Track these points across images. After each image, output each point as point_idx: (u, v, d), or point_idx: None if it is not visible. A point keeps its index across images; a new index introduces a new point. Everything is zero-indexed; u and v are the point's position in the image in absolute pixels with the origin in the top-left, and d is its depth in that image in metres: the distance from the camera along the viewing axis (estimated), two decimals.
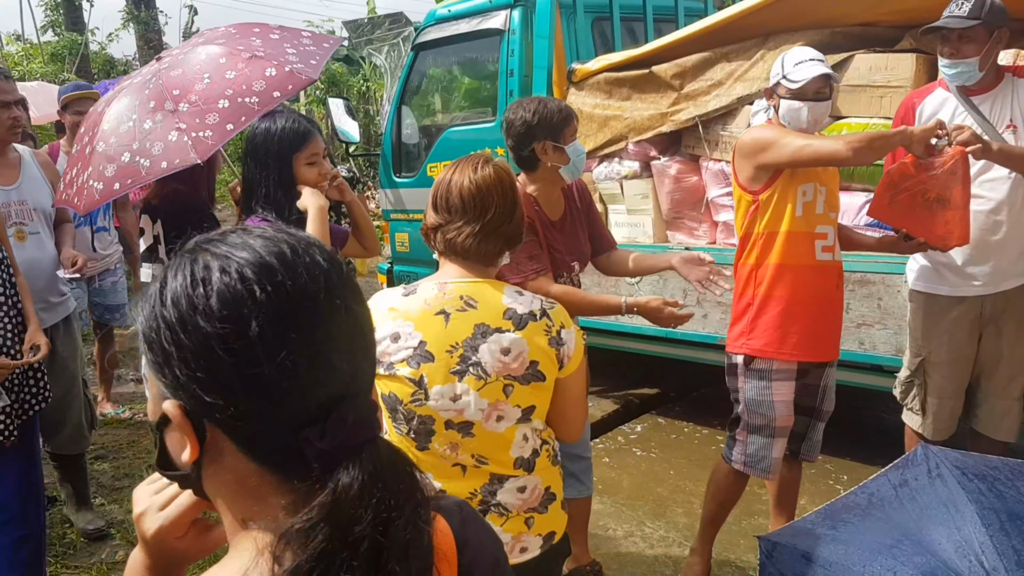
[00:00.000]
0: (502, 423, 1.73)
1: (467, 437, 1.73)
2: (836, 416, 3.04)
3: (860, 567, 1.71)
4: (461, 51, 6.10)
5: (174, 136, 3.13)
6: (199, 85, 3.18)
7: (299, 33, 3.60)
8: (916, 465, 1.93)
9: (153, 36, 16.91)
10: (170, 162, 3.15)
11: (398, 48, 12.20)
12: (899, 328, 3.44)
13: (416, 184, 6.15)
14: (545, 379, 1.72)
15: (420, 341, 1.71)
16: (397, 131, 6.42)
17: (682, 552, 3.37)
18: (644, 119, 4.43)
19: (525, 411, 1.74)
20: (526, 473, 1.79)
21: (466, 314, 1.71)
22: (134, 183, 3.27)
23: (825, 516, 2.00)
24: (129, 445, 4.49)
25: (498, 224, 1.79)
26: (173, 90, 3.21)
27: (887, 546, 1.73)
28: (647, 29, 5.65)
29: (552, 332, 1.72)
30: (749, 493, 3.61)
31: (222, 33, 3.48)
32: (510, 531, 1.79)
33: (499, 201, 1.79)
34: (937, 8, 3.65)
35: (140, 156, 3.18)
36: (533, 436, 1.79)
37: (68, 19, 15.70)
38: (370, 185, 12.38)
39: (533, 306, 1.74)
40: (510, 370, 1.69)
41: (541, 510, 1.83)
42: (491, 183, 1.79)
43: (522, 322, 1.71)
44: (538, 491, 1.82)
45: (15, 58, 14.02)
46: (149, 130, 3.21)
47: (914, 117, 2.92)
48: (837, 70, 3.85)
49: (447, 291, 1.75)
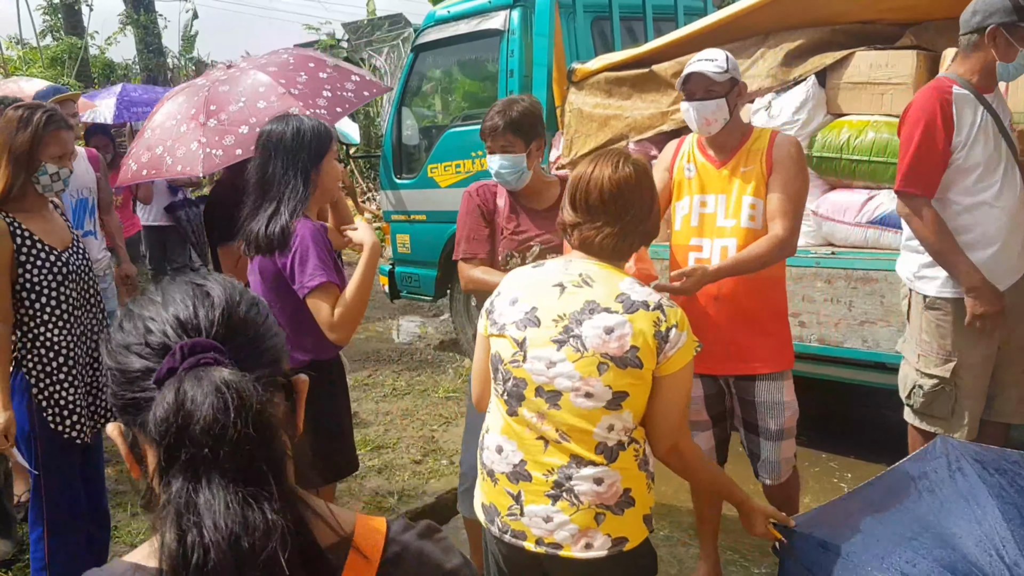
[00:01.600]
0: (590, 401, 1.74)
1: (553, 408, 1.76)
2: (839, 414, 3.04)
3: (879, 559, 1.70)
4: (461, 52, 6.10)
5: (194, 146, 3.45)
6: (233, 107, 3.50)
7: (349, 75, 3.94)
8: (935, 458, 1.93)
9: (152, 40, 16.92)
10: (183, 168, 3.48)
11: (398, 50, 12.21)
12: (902, 326, 3.43)
13: (417, 185, 6.15)
14: (642, 366, 1.72)
15: (532, 307, 1.81)
16: (397, 132, 6.42)
17: (687, 551, 3.36)
18: (644, 118, 4.43)
19: (616, 395, 1.74)
20: (606, 463, 1.76)
21: (581, 290, 1.79)
22: (156, 175, 3.67)
23: (843, 506, 1.99)
24: None
25: (637, 224, 1.84)
26: (211, 104, 3.54)
27: (907, 538, 1.72)
28: (647, 28, 5.65)
29: (661, 326, 1.74)
30: (754, 493, 3.59)
31: (281, 61, 3.82)
32: (577, 523, 1.78)
33: (638, 201, 1.83)
34: (935, 5, 3.67)
35: (167, 154, 3.51)
36: (621, 429, 1.78)
37: (67, 23, 15.69)
38: (371, 187, 12.38)
39: (650, 298, 1.76)
40: (609, 349, 1.72)
41: (616, 510, 1.79)
42: (631, 182, 1.82)
43: (633, 307, 1.74)
44: (616, 488, 1.78)
45: (15, 63, 14.02)
46: (182, 133, 3.53)
47: (952, 115, 2.74)
48: (837, 68, 3.86)
49: (570, 268, 1.84)
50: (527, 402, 1.80)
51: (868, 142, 3.69)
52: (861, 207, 3.73)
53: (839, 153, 3.77)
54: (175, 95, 3.87)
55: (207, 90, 3.64)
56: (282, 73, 3.65)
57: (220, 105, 3.51)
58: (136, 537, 3.45)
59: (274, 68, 3.70)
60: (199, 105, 3.56)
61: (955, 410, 2.93)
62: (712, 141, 2.78)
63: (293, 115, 2.53)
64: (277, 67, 3.72)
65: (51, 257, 2.58)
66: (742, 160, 2.75)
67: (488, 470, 1.92)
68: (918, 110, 2.76)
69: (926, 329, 2.91)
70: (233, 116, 3.44)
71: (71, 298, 2.64)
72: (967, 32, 2.76)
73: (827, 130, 3.85)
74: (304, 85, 3.60)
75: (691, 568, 3.22)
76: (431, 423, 4.89)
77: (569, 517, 1.78)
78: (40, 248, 2.56)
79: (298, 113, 3.10)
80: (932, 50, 3.69)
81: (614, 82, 4.58)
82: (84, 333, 2.72)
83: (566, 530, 1.79)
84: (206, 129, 3.43)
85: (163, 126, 3.66)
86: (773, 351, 2.76)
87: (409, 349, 6.69)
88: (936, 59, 3.63)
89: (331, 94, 3.62)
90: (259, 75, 3.63)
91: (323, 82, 3.69)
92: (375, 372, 5.98)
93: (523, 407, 1.81)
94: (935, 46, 3.68)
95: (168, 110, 3.73)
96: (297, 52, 4.19)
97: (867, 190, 3.78)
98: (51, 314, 2.59)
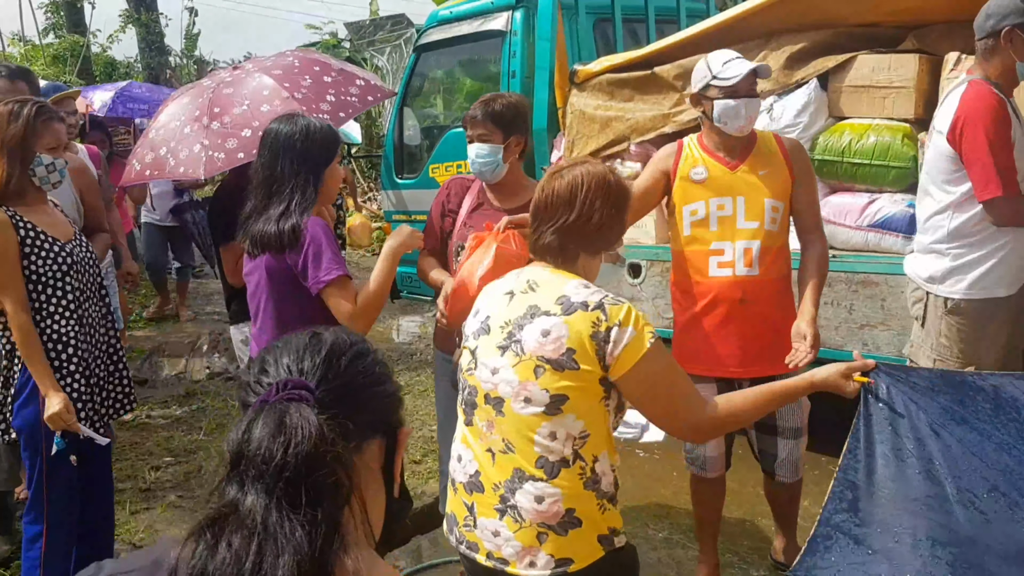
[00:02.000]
0: (530, 406, 1.72)
1: (499, 415, 1.77)
2: (839, 418, 3.03)
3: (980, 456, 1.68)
4: (463, 53, 6.10)
5: (197, 148, 3.45)
6: (237, 110, 3.52)
7: (354, 79, 3.94)
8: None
9: (154, 38, 16.93)
10: (185, 170, 3.51)
11: (400, 50, 12.21)
12: (902, 329, 3.43)
13: (418, 185, 6.15)
14: (578, 369, 1.69)
15: (487, 316, 1.86)
16: (399, 132, 6.42)
17: (685, 554, 3.36)
18: (646, 120, 4.43)
19: (553, 398, 1.71)
20: (546, 478, 1.72)
21: (526, 296, 1.81)
22: (159, 175, 3.70)
23: (945, 380, 1.87)
24: (132, 447, 4.49)
25: (582, 224, 1.82)
26: (215, 107, 3.55)
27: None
28: (649, 30, 5.65)
29: (600, 327, 1.70)
30: (753, 495, 3.60)
31: (286, 64, 3.84)
32: (520, 540, 1.76)
33: (582, 202, 1.82)
34: (938, 9, 3.67)
35: (170, 155, 3.53)
36: (565, 437, 1.73)
37: (70, 21, 15.71)
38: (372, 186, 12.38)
39: (591, 298, 1.73)
40: (545, 351, 1.71)
41: (558, 530, 1.74)
42: (573, 184, 1.83)
43: (571, 309, 1.73)
44: (557, 508, 1.73)
45: (17, 60, 14.02)
46: (186, 135, 3.55)
47: (1008, 111, 2.70)
48: (840, 71, 3.86)
49: (521, 275, 1.88)
50: (479, 410, 1.82)
51: (870, 145, 3.68)
52: (862, 210, 3.73)
53: (841, 156, 3.77)
54: (180, 96, 3.88)
55: (211, 92, 3.65)
56: (286, 76, 3.65)
57: (224, 108, 3.52)
58: (135, 535, 3.44)
59: (279, 71, 3.70)
60: (203, 107, 3.57)
61: None
62: (723, 143, 2.78)
63: (301, 116, 2.53)
64: (282, 70, 3.72)
65: (55, 248, 2.58)
66: (758, 162, 2.75)
67: (451, 478, 1.93)
68: (976, 112, 2.65)
69: (946, 333, 2.86)
70: (236, 119, 3.45)
71: (76, 289, 2.63)
72: (983, 37, 2.73)
73: (829, 133, 3.85)
74: (308, 89, 3.61)
75: (690, 570, 3.22)
76: (430, 423, 4.89)
77: (513, 534, 1.76)
78: (43, 239, 2.56)
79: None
80: (935, 54, 3.69)
81: (616, 84, 4.58)
82: (91, 325, 2.71)
83: (511, 546, 1.77)
84: (209, 132, 3.43)
85: (167, 127, 3.68)
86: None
87: (409, 349, 6.69)
88: (938, 63, 3.62)
89: (335, 99, 3.63)
90: (263, 78, 3.63)
91: (327, 86, 3.70)
92: None
93: (476, 415, 1.83)
94: (937, 50, 3.68)
95: (172, 111, 3.74)
96: (303, 55, 4.20)
97: (868, 193, 3.78)
98: (56, 305, 2.58)
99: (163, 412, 5.19)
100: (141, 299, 7.86)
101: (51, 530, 2.63)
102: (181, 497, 3.91)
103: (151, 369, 6.07)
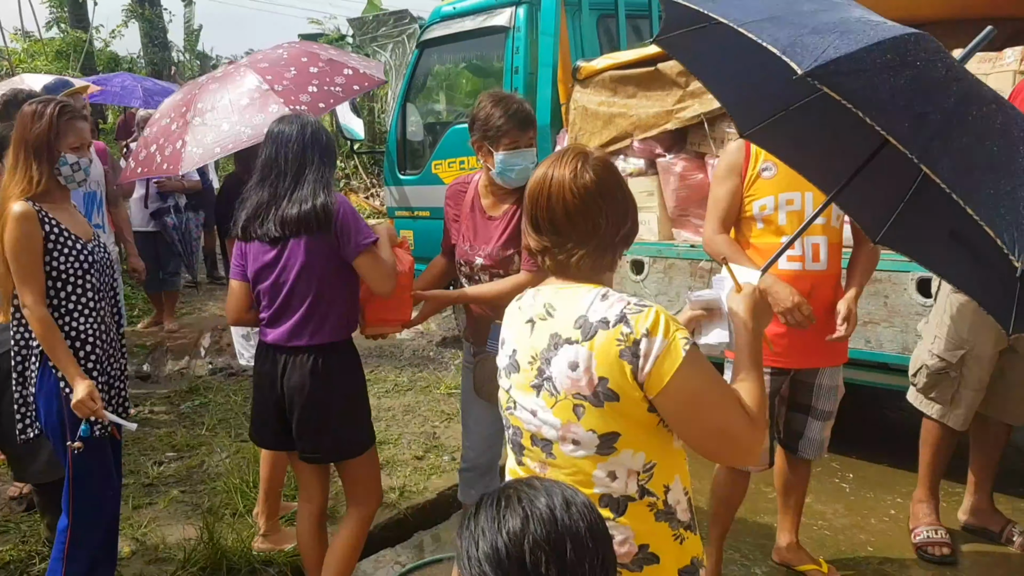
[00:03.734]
0: (580, 449, 1.52)
1: (550, 458, 1.57)
2: (841, 414, 3.04)
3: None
4: (466, 48, 6.10)
5: (179, 144, 3.53)
6: (218, 104, 3.58)
7: (341, 68, 3.97)
8: None
9: (157, 34, 16.93)
10: (168, 167, 3.63)
11: (403, 45, 12.19)
12: (905, 326, 3.43)
13: (421, 181, 6.15)
14: (619, 399, 1.46)
15: (513, 350, 1.64)
16: (402, 128, 6.42)
17: None
18: (649, 116, 4.42)
19: (603, 438, 1.49)
20: (613, 516, 1.52)
21: (546, 323, 1.57)
22: (148, 172, 3.77)
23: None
24: (134, 442, 4.50)
25: (614, 233, 1.59)
26: (198, 102, 3.61)
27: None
28: (652, 26, 5.64)
29: (627, 342, 1.45)
30: (755, 491, 3.60)
31: (274, 56, 3.89)
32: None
33: (609, 207, 1.57)
34: (937, 7, 3.65)
35: (158, 152, 3.59)
36: (626, 474, 1.52)
37: (73, 16, 15.70)
38: (375, 182, 12.38)
39: (610, 312, 1.48)
40: (579, 388, 1.49)
41: (632, 567, 1.54)
42: (596, 189, 1.56)
43: (590, 332, 1.48)
44: (629, 546, 1.53)
45: (20, 55, 14.02)
46: (172, 131, 3.60)
47: None
48: None
49: (537, 298, 1.63)
50: (528, 451, 1.63)
51: None
52: None
53: None
54: (177, 92, 4.00)
55: (199, 88, 3.74)
56: (271, 69, 3.70)
57: (206, 102, 3.60)
58: (137, 530, 3.46)
59: (265, 64, 3.74)
60: (188, 103, 3.66)
61: (954, 398, 2.99)
62: None
63: (302, 115, 2.69)
64: (269, 63, 3.76)
65: (77, 246, 2.59)
66: None
67: None
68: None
69: (948, 311, 3.00)
70: (216, 114, 3.52)
71: (95, 287, 2.65)
72: None
73: None
74: (290, 81, 3.65)
75: None
76: (433, 419, 4.90)
77: None
78: (67, 237, 2.57)
79: (278, 110, 3.31)
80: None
81: (619, 80, 4.58)
82: (106, 323, 2.73)
83: None
84: (190, 127, 3.52)
85: (159, 124, 3.75)
86: (844, 343, 2.88)
87: (411, 345, 6.69)
88: None
89: (317, 89, 3.69)
90: (249, 72, 3.69)
91: (311, 77, 3.75)
92: (377, 368, 5.98)
93: (525, 456, 1.64)
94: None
95: (164, 108, 3.83)
96: (293, 46, 4.19)
97: None
98: (76, 303, 2.59)
99: (166, 408, 5.20)
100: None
101: (76, 525, 2.63)
102: (184, 492, 3.92)
103: (154, 365, 6.08)
